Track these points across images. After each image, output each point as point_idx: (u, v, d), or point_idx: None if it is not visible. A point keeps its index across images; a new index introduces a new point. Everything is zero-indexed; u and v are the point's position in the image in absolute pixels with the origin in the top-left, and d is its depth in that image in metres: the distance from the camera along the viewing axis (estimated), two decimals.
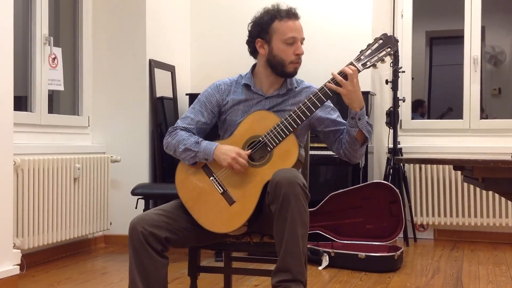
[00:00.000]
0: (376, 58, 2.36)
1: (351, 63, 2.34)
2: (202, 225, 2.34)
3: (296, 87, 2.52)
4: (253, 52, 2.51)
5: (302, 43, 2.46)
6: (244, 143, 2.38)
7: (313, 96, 2.34)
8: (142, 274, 2.24)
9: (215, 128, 2.58)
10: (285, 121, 2.33)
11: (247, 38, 2.50)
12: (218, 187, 2.36)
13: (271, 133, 2.33)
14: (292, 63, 2.43)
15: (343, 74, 2.31)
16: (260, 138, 2.35)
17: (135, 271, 2.25)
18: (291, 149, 2.32)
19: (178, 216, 2.35)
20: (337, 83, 2.31)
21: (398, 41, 4.84)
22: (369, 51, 2.38)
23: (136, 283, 2.24)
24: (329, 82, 2.33)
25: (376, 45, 2.38)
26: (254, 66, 2.54)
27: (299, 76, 2.61)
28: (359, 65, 2.34)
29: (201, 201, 2.36)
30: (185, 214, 2.37)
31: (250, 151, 2.34)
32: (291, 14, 2.43)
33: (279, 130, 2.33)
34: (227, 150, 2.33)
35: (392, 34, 5.02)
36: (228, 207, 2.33)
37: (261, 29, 2.43)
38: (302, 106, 2.34)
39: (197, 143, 2.38)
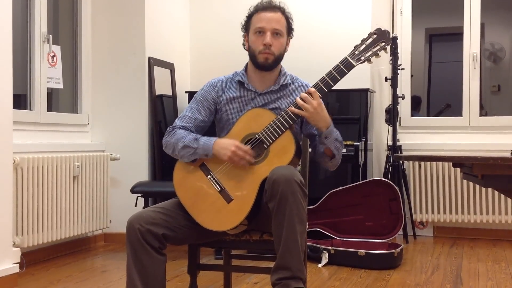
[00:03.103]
0: (370, 53, 2.38)
1: (341, 61, 2.36)
2: (201, 224, 2.34)
3: (290, 84, 2.52)
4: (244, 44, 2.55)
5: (277, 35, 2.42)
6: (241, 140, 2.38)
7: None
8: (140, 271, 2.24)
9: (212, 127, 2.59)
10: (281, 118, 2.34)
11: None
12: (215, 185, 2.36)
13: (267, 130, 2.34)
14: (261, 53, 2.43)
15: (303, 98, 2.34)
16: (257, 135, 2.36)
17: (133, 268, 2.25)
18: (288, 146, 2.33)
19: (177, 213, 2.36)
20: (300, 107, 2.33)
21: (396, 37, 4.82)
22: (363, 46, 2.39)
23: (134, 281, 2.25)
24: (291, 106, 2.36)
25: (370, 40, 2.39)
26: (247, 63, 2.55)
27: (298, 72, 2.62)
28: (353, 60, 2.35)
29: (199, 199, 2.37)
30: (183, 212, 2.38)
31: (249, 146, 2.35)
32: (268, 6, 2.45)
33: (275, 127, 2.33)
34: (226, 144, 2.34)
35: (389, 30, 5.03)
36: (225, 205, 2.33)
37: (245, 23, 2.50)
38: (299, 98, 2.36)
39: (196, 139, 2.39)
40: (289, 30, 2.50)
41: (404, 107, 5.13)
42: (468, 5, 5.00)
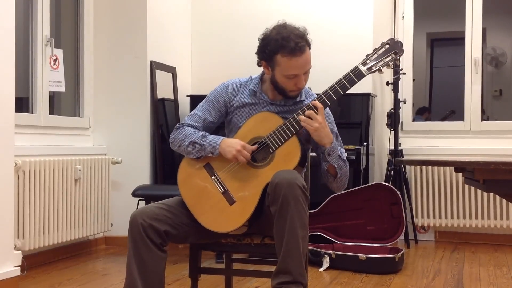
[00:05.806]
0: (382, 63, 2.37)
1: (352, 70, 2.34)
2: (202, 224, 2.36)
3: (304, 100, 2.51)
4: (260, 65, 2.47)
5: (307, 73, 2.40)
6: (247, 143, 2.38)
7: (320, 96, 2.36)
8: (140, 266, 2.25)
9: (219, 128, 2.60)
10: (288, 123, 2.34)
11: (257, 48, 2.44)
12: (219, 186, 2.37)
13: (273, 135, 2.34)
14: (292, 91, 2.42)
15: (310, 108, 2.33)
16: (263, 139, 2.36)
17: (133, 263, 2.26)
18: (293, 152, 2.33)
19: (180, 211, 2.37)
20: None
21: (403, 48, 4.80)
22: (375, 55, 2.37)
23: (133, 275, 2.25)
24: (299, 112, 2.34)
25: (383, 49, 2.38)
26: (263, 74, 2.52)
27: None
28: (364, 69, 2.34)
29: (202, 200, 2.38)
30: (186, 210, 2.39)
31: (256, 146, 2.35)
32: (297, 50, 2.29)
33: (282, 132, 2.33)
34: (233, 143, 2.35)
35: (393, 36, 5.04)
36: (228, 207, 2.34)
37: (266, 55, 2.38)
38: (306, 108, 2.35)
39: (204, 136, 2.42)
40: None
41: (406, 111, 5.13)
42: (470, 9, 5.00)
